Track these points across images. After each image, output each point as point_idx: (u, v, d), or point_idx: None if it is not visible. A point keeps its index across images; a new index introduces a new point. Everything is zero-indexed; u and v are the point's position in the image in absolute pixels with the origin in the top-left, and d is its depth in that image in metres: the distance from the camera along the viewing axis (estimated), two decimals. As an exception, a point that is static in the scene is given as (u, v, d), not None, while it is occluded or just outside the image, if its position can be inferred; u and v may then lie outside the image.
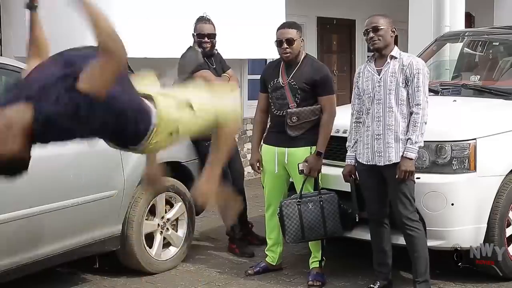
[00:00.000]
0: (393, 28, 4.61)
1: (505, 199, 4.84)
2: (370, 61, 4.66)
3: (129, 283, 5.05)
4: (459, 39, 6.90)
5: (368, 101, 4.58)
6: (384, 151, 4.48)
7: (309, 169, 4.88)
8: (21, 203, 4.25)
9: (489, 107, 5.44)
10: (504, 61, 6.50)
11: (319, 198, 4.89)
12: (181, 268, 5.36)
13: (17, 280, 4.44)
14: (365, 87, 4.60)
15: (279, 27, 5.09)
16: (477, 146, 4.72)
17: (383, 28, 4.55)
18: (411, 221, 4.47)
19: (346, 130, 5.14)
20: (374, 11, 8.21)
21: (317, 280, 4.95)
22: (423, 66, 4.55)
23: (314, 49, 11.49)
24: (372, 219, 4.72)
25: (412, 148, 4.40)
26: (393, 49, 4.58)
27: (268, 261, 5.25)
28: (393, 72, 4.49)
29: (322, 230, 4.89)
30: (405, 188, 4.44)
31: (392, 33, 4.59)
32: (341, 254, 5.75)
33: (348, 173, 4.75)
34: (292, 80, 4.98)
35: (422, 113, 4.40)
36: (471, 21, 12.58)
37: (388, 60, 4.54)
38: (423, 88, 4.44)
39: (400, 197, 4.45)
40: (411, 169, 4.40)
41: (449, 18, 8.53)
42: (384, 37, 4.54)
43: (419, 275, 4.53)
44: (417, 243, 4.50)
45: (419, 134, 4.40)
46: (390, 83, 4.48)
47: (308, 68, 5.01)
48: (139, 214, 5.02)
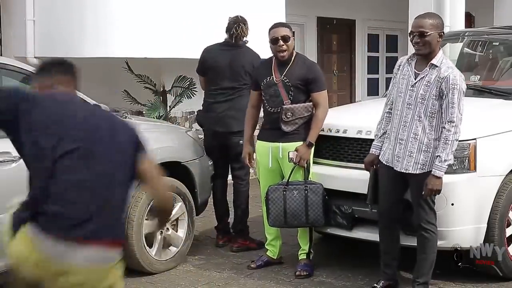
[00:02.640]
0: (441, 31, 4.40)
1: (505, 199, 4.84)
2: (412, 59, 4.49)
3: (129, 283, 5.05)
4: (459, 39, 6.89)
5: (398, 100, 4.48)
6: (403, 157, 4.42)
7: (299, 158, 4.98)
8: (21, 203, 4.24)
9: (489, 107, 5.44)
10: (504, 61, 6.50)
11: (305, 187, 5.00)
12: (181, 268, 5.36)
13: (17, 280, 4.44)
14: (400, 85, 4.48)
15: (272, 26, 5.21)
16: (477, 146, 4.72)
17: (430, 34, 4.33)
18: (428, 224, 4.44)
19: (346, 130, 5.16)
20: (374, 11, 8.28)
21: (304, 270, 5.12)
22: (461, 81, 4.33)
23: (314, 49, 11.49)
24: (381, 217, 4.68)
25: (441, 166, 4.29)
26: (436, 56, 4.37)
27: (269, 255, 5.35)
28: (429, 81, 4.34)
29: (303, 218, 5.00)
30: (429, 199, 4.40)
31: (439, 38, 4.38)
32: (340, 254, 5.75)
33: (370, 163, 4.68)
34: (285, 78, 5.08)
35: (455, 130, 4.27)
36: (471, 21, 12.58)
37: (427, 68, 4.37)
38: (457, 104, 4.27)
39: (422, 203, 4.43)
40: (438, 188, 4.31)
41: (449, 18, 8.53)
42: (430, 44, 4.34)
43: (420, 275, 4.53)
44: (429, 245, 4.48)
45: (449, 152, 4.28)
46: (423, 92, 4.34)
47: (300, 66, 5.13)
48: (139, 214, 5.02)
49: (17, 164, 4.19)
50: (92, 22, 7.42)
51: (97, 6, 7.40)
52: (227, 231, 5.99)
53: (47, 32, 7.71)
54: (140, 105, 7.80)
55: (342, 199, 5.11)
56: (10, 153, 4.19)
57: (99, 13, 7.41)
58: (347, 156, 5.15)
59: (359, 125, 5.14)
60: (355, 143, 5.10)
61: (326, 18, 11.66)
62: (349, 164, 5.12)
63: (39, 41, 7.74)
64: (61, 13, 7.63)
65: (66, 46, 7.52)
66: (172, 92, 7.85)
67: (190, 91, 7.73)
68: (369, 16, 12.25)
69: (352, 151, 5.13)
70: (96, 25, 7.41)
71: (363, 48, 12.36)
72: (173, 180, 5.31)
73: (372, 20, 12.37)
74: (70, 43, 7.51)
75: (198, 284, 5.04)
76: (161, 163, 5.21)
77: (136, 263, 5.09)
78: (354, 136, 5.10)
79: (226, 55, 5.78)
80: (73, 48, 7.46)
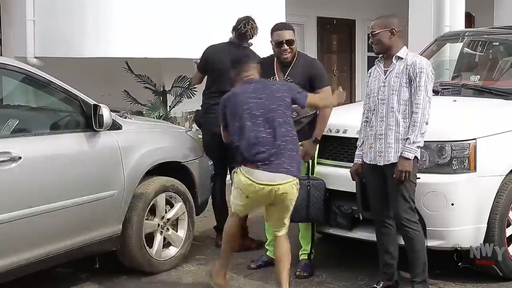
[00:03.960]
0: (392, 28, 4.56)
1: (505, 199, 4.84)
2: (380, 62, 4.67)
3: (129, 283, 5.05)
4: (459, 39, 6.90)
5: (373, 101, 4.59)
6: (384, 151, 4.48)
7: (304, 153, 4.99)
8: (21, 203, 4.25)
9: (489, 107, 5.43)
10: (504, 61, 6.50)
11: (307, 183, 5.01)
12: (181, 268, 5.36)
13: (17, 280, 4.44)
14: (372, 87, 4.62)
15: (275, 28, 5.19)
16: (477, 146, 4.72)
17: (378, 33, 4.56)
18: (409, 222, 4.46)
19: (346, 130, 5.16)
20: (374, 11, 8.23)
21: (305, 270, 5.15)
22: (427, 65, 4.51)
23: (314, 49, 11.50)
24: (375, 219, 4.72)
25: (410, 148, 4.38)
26: (400, 50, 4.55)
27: (269, 255, 5.34)
28: (398, 72, 4.49)
29: (304, 213, 5.01)
30: (403, 189, 4.43)
31: (391, 35, 4.55)
32: (340, 254, 5.75)
33: (355, 171, 4.76)
34: (289, 78, 5.09)
35: (422, 112, 4.38)
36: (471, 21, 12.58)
37: (393, 61, 4.54)
38: (424, 87, 4.41)
39: (399, 198, 4.45)
40: (408, 169, 4.38)
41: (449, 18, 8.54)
42: (381, 41, 4.56)
43: (416, 275, 4.53)
44: (415, 244, 4.49)
45: (418, 134, 4.38)
46: (393, 83, 4.48)
47: (302, 64, 5.16)
48: (139, 214, 5.02)
49: (17, 164, 4.20)
50: (92, 22, 7.42)
51: (97, 6, 7.40)
52: None
53: (47, 32, 7.71)
54: (140, 105, 7.81)
55: (342, 199, 5.11)
56: (10, 153, 4.19)
57: (99, 13, 7.41)
58: (347, 156, 5.15)
59: (359, 125, 5.13)
60: (355, 143, 5.10)
61: (326, 18, 11.67)
62: (349, 164, 5.10)
63: (39, 41, 7.75)
64: (61, 13, 7.63)
65: (66, 46, 7.52)
66: (172, 92, 7.86)
67: (190, 91, 7.74)
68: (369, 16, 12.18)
69: (352, 151, 5.11)
70: (96, 25, 7.41)
71: (363, 48, 12.37)
72: (173, 180, 5.31)
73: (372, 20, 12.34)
74: (70, 43, 7.51)
75: (198, 284, 5.03)
76: (161, 163, 5.24)
77: (136, 263, 5.09)
78: (354, 136, 5.09)
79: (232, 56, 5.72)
80: (73, 48, 7.47)
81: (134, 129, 5.25)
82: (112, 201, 4.83)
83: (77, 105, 4.76)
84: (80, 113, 4.76)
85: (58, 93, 4.74)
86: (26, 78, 4.70)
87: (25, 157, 4.25)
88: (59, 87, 4.72)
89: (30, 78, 4.68)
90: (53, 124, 4.86)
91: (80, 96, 4.77)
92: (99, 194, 4.73)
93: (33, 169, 4.35)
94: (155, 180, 5.17)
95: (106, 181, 4.81)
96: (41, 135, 4.59)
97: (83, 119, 4.75)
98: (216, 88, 5.75)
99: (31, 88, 4.97)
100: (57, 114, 4.98)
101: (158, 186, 5.15)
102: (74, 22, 7.50)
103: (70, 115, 4.86)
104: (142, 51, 7.41)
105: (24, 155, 4.25)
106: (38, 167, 4.40)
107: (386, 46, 4.56)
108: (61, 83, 4.73)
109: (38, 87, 4.82)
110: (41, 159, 4.43)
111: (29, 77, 4.68)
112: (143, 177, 5.06)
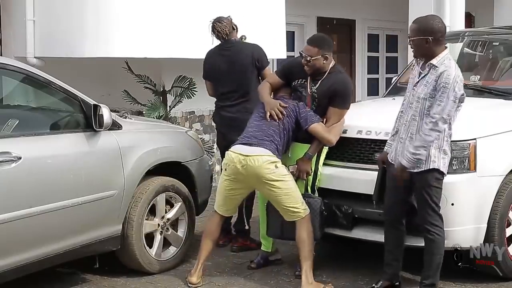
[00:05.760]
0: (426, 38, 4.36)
1: (505, 199, 4.84)
2: (421, 60, 4.52)
3: (129, 283, 5.05)
4: (459, 39, 6.89)
5: (405, 98, 4.57)
6: (401, 155, 4.44)
7: (298, 172, 4.98)
8: (21, 203, 4.25)
9: (489, 107, 5.44)
10: (504, 61, 6.50)
11: None
12: (181, 268, 5.36)
13: (17, 280, 4.44)
14: (410, 83, 4.58)
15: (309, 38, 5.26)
16: (477, 146, 4.72)
17: (413, 39, 4.42)
18: (433, 226, 4.44)
19: (346, 130, 5.15)
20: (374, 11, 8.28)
21: None
22: (453, 81, 4.29)
23: (314, 49, 11.47)
24: (386, 215, 4.68)
25: (409, 157, 4.33)
26: (437, 56, 4.38)
27: (263, 250, 5.37)
28: (428, 81, 4.37)
29: None
30: (429, 194, 4.40)
31: (426, 43, 4.36)
32: (340, 255, 5.75)
33: (380, 160, 4.72)
34: (315, 91, 5.07)
35: (431, 127, 4.26)
36: (471, 21, 12.57)
37: (427, 69, 4.41)
38: (445, 104, 4.25)
39: (424, 203, 4.43)
40: (404, 177, 4.37)
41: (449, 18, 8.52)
42: (416, 47, 4.42)
43: (427, 277, 4.51)
44: (435, 247, 4.47)
45: (419, 145, 4.30)
46: (421, 92, 4.38)
47: (331, 81, 5.07)
48: (139, 214, 5.02)
49: (17, 164, 4.20)
50: (92, 22, 7.42)
51: (97, 6, 7.39)
52: (228, 231, 5.98)
53: (47, 32, 7.71)
54: (140, 105, 7.80)
55: (342, 199, 5.10)
56: (10, 153, 4.19)
57: (99, 13, 7.40)
58: (347, 156, 5.15)
59: (359, 125, 5.14)
60: (355, 143, 5.11)
61: (326, 18, 11.65)
62: (349, 164, 5.12)
63: (39, 41, 7.74)
64: (61, 13, 7.62)
65: (66, 46, 7.51)
66: (172, 92, 7.85)
67: (190, 91, 7.73)
68: (369, 16, 12.25)
69: (352, 151, 5.13)
70: (96, 25, 7.40)
71: (363, 48, 12.35)
72: (173, 180, 5.31)
73: (372, 20, 12.36)
74: (70, 43, 7.51)
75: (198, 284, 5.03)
76: (161, 163, 5.24)
77: (136, 263, 5.09)
78: (354, 136, 5.10)
79: (223, 59, 5.76)
80: (73, 48, 7.46)
81: (134, 129, 5.25)
82: (112, 201, 4.83)
83: (77, 105, 4.76)
84: (80, 113, 4.76)
85: (58, 93, 4.75)
86: (26, 78, 4.70)
87: (25, 157, 4.25)
88: (59, 87, 4.72)
89: (30, 78, 4.68)
90: (53, 124, 4.87)
91: (80, 96, 4.77)
92: (99, 194, 4.73)
93: (33, 169, 4.35)
94: (155, 180, 5.17)
95: (106, 181, 4.81)
96: (41, 135, 4.60)
97: (83, 119, 4.76)
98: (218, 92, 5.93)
99: (31, 88, 4.97)
100: (57, 114, 4.98)
101: (158, 186, 5.16)
102: (74, 22, 7.49)
103: (70, 115, 4.86)
104: (142, 51, 7.40)
105: (24, 155, 4.25)
106: (38, 167, 4.40)
107: (421, 53, 4.44)
108: (61, 83, 4.73)
109: (38, 87, 4.82)
110: (41, 159, 4.44)
111: (29, 77, 4.68)
112: (143, 177, 5.06)
